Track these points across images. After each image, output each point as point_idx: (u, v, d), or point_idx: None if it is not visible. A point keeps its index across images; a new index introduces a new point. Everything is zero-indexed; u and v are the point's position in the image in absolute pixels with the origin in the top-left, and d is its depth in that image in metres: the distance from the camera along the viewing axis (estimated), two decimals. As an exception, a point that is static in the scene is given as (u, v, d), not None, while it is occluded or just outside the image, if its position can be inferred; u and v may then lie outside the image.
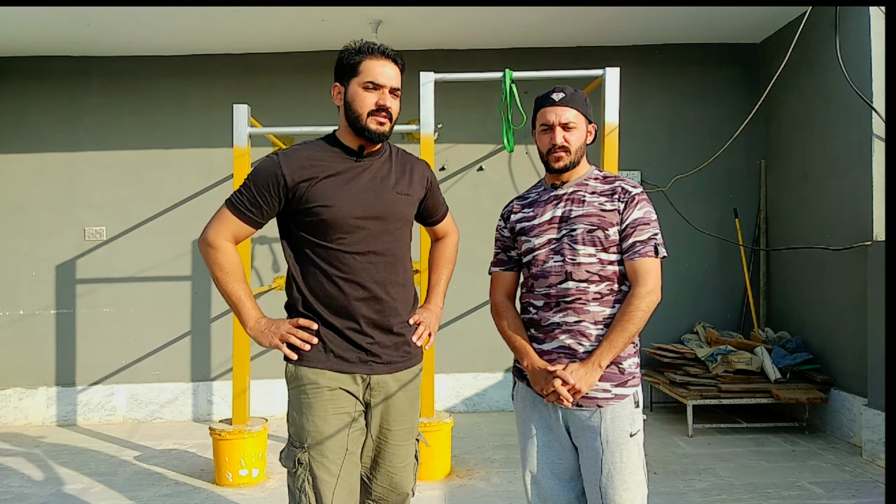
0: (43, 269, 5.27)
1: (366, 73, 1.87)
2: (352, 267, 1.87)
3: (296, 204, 1.87)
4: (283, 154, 1.88)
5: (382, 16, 4.62)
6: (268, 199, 1.87)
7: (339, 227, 1.86)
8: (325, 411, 1.84)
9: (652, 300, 1.91)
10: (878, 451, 3.83)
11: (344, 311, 1.87)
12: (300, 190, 1.85)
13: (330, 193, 1.85)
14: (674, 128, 5.41)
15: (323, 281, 1.87)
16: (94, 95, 5.30)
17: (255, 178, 1.88)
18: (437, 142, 4.11)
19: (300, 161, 1.87)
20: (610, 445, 1.91)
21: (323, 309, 1.88)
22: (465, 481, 3.74)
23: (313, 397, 1.85)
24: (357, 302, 1.87)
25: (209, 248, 1.89)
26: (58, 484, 3.81)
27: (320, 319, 1.88)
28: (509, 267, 2.16)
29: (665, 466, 3.91)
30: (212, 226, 1.91)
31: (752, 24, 5.00)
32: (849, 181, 4.29)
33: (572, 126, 2.00)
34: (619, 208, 1.97)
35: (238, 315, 1.90)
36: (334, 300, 1.87)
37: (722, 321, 5.37)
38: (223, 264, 1.88)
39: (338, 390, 1.86)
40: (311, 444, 1.84)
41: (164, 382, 5.27)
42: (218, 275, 1.89)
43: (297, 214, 1.88)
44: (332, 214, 1.84)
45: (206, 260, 1.91)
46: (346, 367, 1.87)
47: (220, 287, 1.90)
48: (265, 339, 1.87)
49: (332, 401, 1.85)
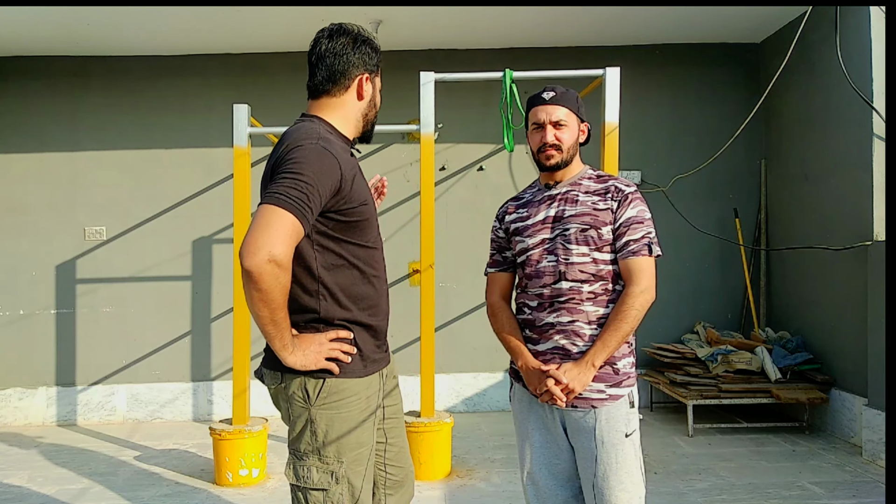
0: (43, 269, 5.27)
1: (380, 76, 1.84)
2: (381, 264, 1.85)
3: (341, 203, 1.67)
4: (332, 147, 1.66)
5: (382, 15, 4.62)
6: (325, 200, 1.63)
7: (372, 225, 1.79)
8: (361, 420, 1.76)
9: (646, 299, 1.91)
10: (879, 451, 3.83)
11: (378, 310, 1.82)
12: (346, 188, 1.66)
13: (363, 190, 1.74)
14: (674, 128, 5.40)
15: (359, 282, 1.76)
16: (94, 95, 5.30)
17: (319, 177, 1.59)
18: (437, 142, 4.11)
19: (345, 156, 1.69)
20: (605, 446, 1.91)
21: (359, 311, 1.76)
22: (466, 481, 3.74)
23: (355, 410, 1.75)
24: (383, 297, 1.85)
25: (278, 268, 1.51)
26: (58, 484, 3.81)
27: (356, 321, 1.76)
28: (504, 268, 2.16)
29: (665, 466, 3.91)
30: (279, 239, 1.50)
31: (753, 23, 5.00)
32: (849, 181, 4.29)
33: (563, 124, 2.01)
34: (612, 207, 1.97)
35: (280, 342, 1.64)
36: (370, 299, 1.79)
37: (722, 321, 5.37)
38: (286, 287, 1.57)
39: (373, 396, 1.80)
40: (353, 458, 1.74)
41: (164, 382, 5.27)
42: (280, 300, 1.56)
43: (334, 214, 1.68)
44: (370, 213, 1.76)
45: (267, 283, 1.51)
46: (376, 368, 1.82)
47: (272, 313, 1.57)
48: (311, 362, 1.68)
49: (369, 409, 1.78)
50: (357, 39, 1.79)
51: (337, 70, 1.77)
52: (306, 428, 1.73)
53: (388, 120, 5.18)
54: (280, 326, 1.61)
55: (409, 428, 3.74)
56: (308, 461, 1.73)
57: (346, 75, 1.78)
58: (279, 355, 1.66)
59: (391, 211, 5.32)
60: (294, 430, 1.77)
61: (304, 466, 1.74)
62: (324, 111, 1.80)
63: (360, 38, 1.80)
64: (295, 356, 1.66)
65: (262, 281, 1.50)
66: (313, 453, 1.73)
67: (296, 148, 1.62)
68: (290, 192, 1.54)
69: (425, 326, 3.80)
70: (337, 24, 1.82)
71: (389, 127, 4.84)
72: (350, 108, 1.81)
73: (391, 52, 5.31)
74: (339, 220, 1.69)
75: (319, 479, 1.72)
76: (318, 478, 1.72)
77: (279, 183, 1.56)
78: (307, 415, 1.72)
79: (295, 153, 1.61)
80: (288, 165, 1.59)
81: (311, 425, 1.72)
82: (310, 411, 1.72)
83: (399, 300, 5.30)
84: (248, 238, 1.51)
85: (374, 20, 4.67)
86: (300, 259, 1.69)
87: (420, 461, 3.74)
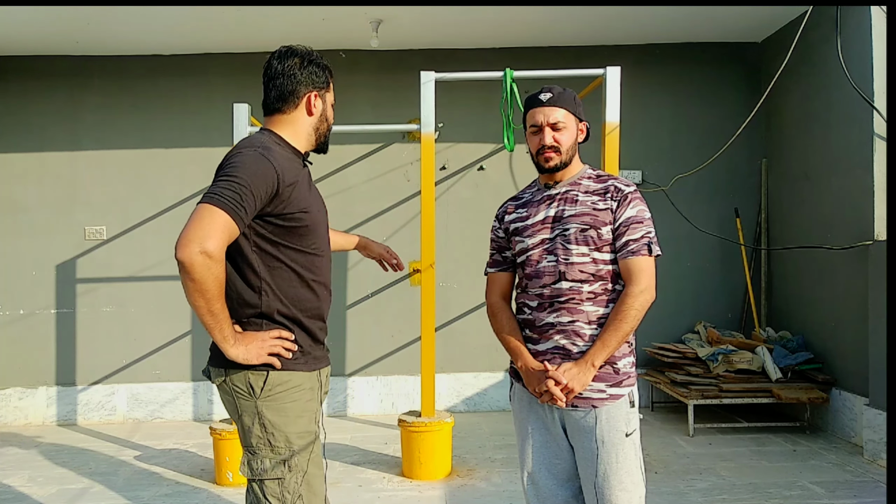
0: (43, 269, 5.27)
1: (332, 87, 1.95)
2: (322, 269, 1.92)
3: (279, 208, 1.78)
4: (271, 154, 1.78)
5: (383, 15, 4.61)
6: (261, 203, 1.74)
7: (314, 232, 1.88)
8: (309, 411, 1.88)
9: (645, 299, 1.91)
10: (880, 450, 3.82)
11: (316, 313, 1.91)
12: (285, 194, 1.78)
13: (306, 198, 1.86)
14: (675, 127, 5.40)
15: (297, 285, 1.85)
16: (94, 95, 5.30)
17: (254, 180, 1.71)
18: (437, 141, 4.11)
19: (285, 163, 1.81)
20: (605, 446, 1.91)
21: (299, 313, 1.86)
22: (466, 481, 3.74)
23: (301, 400, 1.86)
24: (324, 302, 1.94)
25: (209, 259, 1.62)
26: (58, 484, 3.81)
27: (296, 323, 1.86)
28: (504, 268, 2.16)
29: (666, 466, 3.90)
30: (210, 233, 1.63)
31: (754, 23, 4.99)
32: (850, 180, 4.28)
33: (561, 126, 2.00)
34: (611, 207, 1.96)
35: (220, 334, 1.71)
36: (309, 303, 1.88)
37: (723, 321, 5.36)
38: (220, 278, 1.67)
39: (315, 389, 1.91)
40: (303, 445, 1.85)
41: (165, 382, 5.27)
42: (214, 291, 1.66)
43: (273, 218, 1.78)
44: (312, 220, 1.86)
45: (199, 273, 1.61)
46: (317, 365, 1.92)
47: (209, 304, 1.66)
48: (253, 356, 1.76)
49: (313, 401, 1.90)
50: (304, 60, 1.92)
51: (286, 90, 1.91)
52: (255, 421, 1.82)
53: (389, 120, 5.19)
54: (218, 318, 1.69)
55: (409, 428, 3.74)
56: (261, 453, 1.83)
57: (295, 94, 1.91)
58: (221, 347, 1.74)
59: (391, 210, 5.32)
60: (243, 426, 1.86)
61: (258, 459, 1.83)
62: (276, 126, 1.94)
63: (307, 58, 1.93)
64: (237, 349, 1.74)
65: (195, 271, 1.61)
66: (265, 445, 1.83)
67: (236, 154, 1.77)
68: (224, 192, 1.67)
69: (426, 326, 3.80)
70: (287, 47, 1.95)
71: (390, 126, 4.87)
72: (301, 124, 1.94)
73: (391, 52, 5.31)
74: (278, 224, 1.80)
75: (273, 469, 1.82)
76: (272, 468, 1.82)
77: (216, 184, 1.70)
78: (254, 408, 1.82)
79: (234, 159, 1.75)
80: (226, 169, 1.73)
81: (258, 418, 1.82)
82: (256, 404, 1.81)
83: (399, 300, 5.32)
84: (182, 232, 1.64)
85: (374, 20, 4.67)
86: (244, 258, 1.80)
87: (420, 461, 3.73)
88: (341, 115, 5.27)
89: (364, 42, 5.03)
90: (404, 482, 3.74)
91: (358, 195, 5.30)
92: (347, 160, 5.30)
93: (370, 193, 5.32)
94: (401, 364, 5.31)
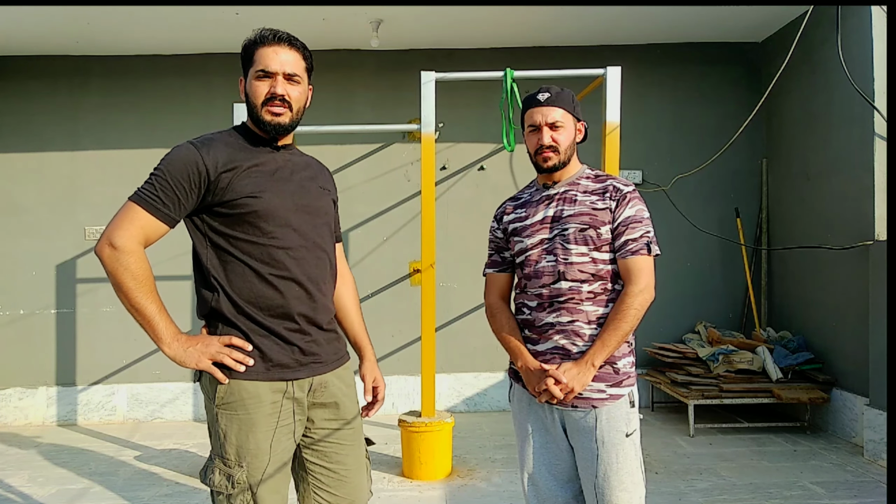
0: (43, 269, 5.26)
1: (258, 62, 1.75)
2: (286, 264, 1.73)
3: (219, 196, 1.68)
4: (199, 141, 1.71)
5: (383, 15, 4.61)
6: (186, 191, 1.66)
7: (270, 220, 1.71)
8: (268, 427, 1.69)
9: (644, 298, 1.91)
10: (880, 450, 3.82)
11: (281, 311, 1.72)
12: (223, 181, 1.67)
13: (258, 183, 1.71)
14: (675, 127, 5.40)
15: (254, 281, 1.70)
16: (94, 95, 5.30)
17: (169, 167, 1.66)
18: (437, 141, 4.11)
19: (220, 148, 1.71)
20: (605, 446, 1.90)
21: (257, 312, 1.70)
22: (466, 481, 3.74)
23: (255, 413, 1.68)
24: (294, 300, 1.73)
25: (115, 251, 1.61)
26: (58, 484, 3.81)
27: (255, 323, 1.70)
28: (503, 268, 2.16)
29: (666, 466, 3.90)
30: (118, 225, 1.63)
31: (754, 23, 4.99)
32: (850, 180, 4.28)
33: (559, 125, 2.00)
34: (610, 207, 1.96)
35: (152, 332, 1.64)
36: (270, 300, 1.71)
37: (723, 321, 5.36)
38: (136, 271, 1.62)
39: (282, 401, 1.71)
40: (254, 462, 1.68)
41: (165, 382, 5.26)
42: (129, 284, 1.61)
43: (218, 208, 1.69)
44: (263, 206, 1.69)
45: (109, 266, 1.62)
46: (288, 375, 1.72)
47: (128, 299, 1.62)
48: (190, 360, 1.64)
49: (273, 415, 1.70)
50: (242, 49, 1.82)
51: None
52: (213, 428, 1.73)
53: (389, 119, 5.20)
54: (143, 314, 1.64)
55: (409, 428, 3.74)
56: (214, 462, 1.72)
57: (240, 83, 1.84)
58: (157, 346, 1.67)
59: (392, 211, 5.32)
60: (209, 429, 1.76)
61: (210, 467, 1.72)
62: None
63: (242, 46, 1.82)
64: (171, 349, 1.65)
65: (104, 264, 1.63)
66: (217, 455, 1.71)
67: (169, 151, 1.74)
68: (143, 187, 1.69)
69: (426, 326, 3.80)
70: None
71: (390, 126, 4.87)
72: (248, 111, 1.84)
73: (391, 51, 5.30)
74: (224, 213, 1.70)
75: (220, 481, 1.69)
76: (218, 480, 1.69)
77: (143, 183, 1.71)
78: (214, 414, 1.71)
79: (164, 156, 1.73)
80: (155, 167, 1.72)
81: (215, 425, 1.72)
82: (215, 410, 1.71)
83: (400, 300, 5.32)
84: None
85: (374, 20, 4.67)
86: (198, 255, 1.74)
87: (421, 461, 3.73)
88: (341, 115, 5.29)
89: (364, 42, 5.03)
90: (404, 482, 3.74)
91: (358, 195, 5.30)
92: (347, 160, 5.30)
93: (370, 193, 5.32)
94: (401, 364, 5.31)
